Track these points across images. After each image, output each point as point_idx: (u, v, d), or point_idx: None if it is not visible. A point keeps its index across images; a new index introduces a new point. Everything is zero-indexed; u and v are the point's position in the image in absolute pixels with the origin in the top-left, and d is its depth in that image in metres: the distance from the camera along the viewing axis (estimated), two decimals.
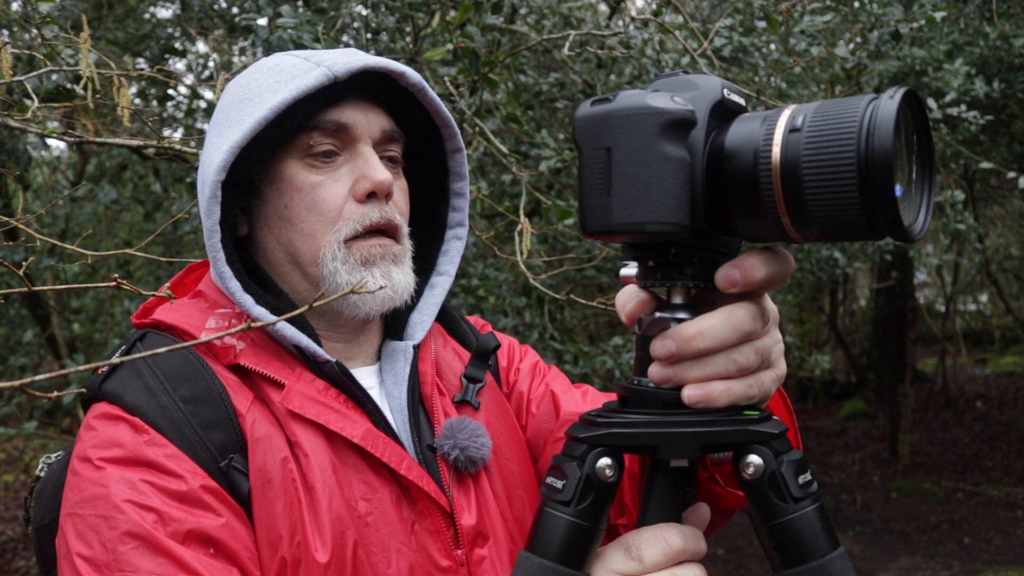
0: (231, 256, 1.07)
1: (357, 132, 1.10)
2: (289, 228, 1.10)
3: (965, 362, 15.53)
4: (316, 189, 1.08)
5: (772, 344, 0.86)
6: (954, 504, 8.36)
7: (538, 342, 3.75)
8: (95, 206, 4.69)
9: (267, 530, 0.96)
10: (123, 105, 1.70)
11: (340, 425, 1.02)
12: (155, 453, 0.93)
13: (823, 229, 0.78)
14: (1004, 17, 5.30)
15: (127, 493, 0.90)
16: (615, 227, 0.82)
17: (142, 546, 0.87)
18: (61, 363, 5.06)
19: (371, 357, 1.19)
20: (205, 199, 1.04)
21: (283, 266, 1.12)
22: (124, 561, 0.86)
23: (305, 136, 1.09)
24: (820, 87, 4.23)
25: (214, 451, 0.96)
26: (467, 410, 1.18)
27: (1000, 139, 6.86)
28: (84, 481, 0.93)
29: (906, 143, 0.80)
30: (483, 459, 1.11)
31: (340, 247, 1.08)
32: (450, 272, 1.23)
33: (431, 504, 1.06)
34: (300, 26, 2.64)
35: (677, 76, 0.87)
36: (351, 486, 1.02)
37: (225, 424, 0.98)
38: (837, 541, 0.86)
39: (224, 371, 1.04)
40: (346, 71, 1.06)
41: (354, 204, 1.09)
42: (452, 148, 1.21)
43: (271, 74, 1.09)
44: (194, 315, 1.09)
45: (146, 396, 0.97)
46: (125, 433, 0.95)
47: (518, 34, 3.68)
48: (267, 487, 0.97)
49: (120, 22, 4.32)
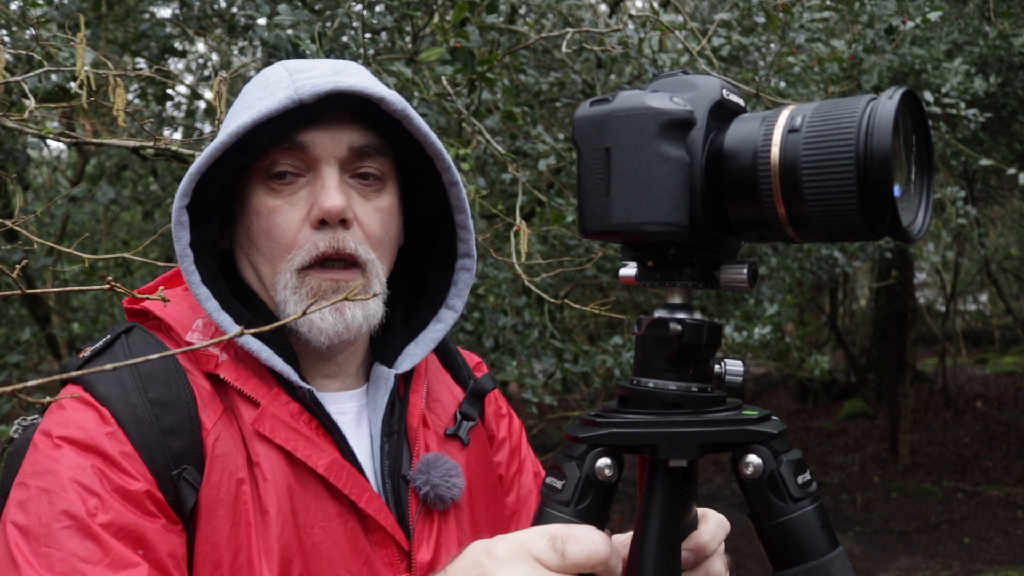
0: (211, 275, 1.05)
1: (316, 152, 1.04)
2: (254, 251, 1.08)
3: (965, 362, 15.53)
4: (272, 214, 1.05)
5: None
6: (954, 504, 8.36)
7: (538, 341, 3.75)
8: (94, 206, 4.69)
9: (210, 547, 0.96)
10: (118, 107, 1.70)
11: (307, 453, 1.02)
12: (112, 447, 0.94)
13: (822, 229, 0.78)
14: (1003, 16, 5.30)
15: (76, 474, 0.91)
16: (614, 227, 0.82)
17: (74, 527, 0.88)
18: (61, 362, 5.05)
19: (354, 378, 1.17)
20: (173, 221, 1.02)
21: (255, 285, 1.10)
22: (53, 538, 0.88)
23: (265, 157, 1.05)
24: (819, 86, 4.23)
25: (170, 458, 0.96)
26: (455, 445, 1.17)
27: (1000, 138, 6.86)
28: (39, 455, 0.94)
29: (905, 143, 0.80)
30: (452, 499, 1.10)
31: (292, 276, 1.04)
32: (457, 308, 1.19)
33: (387, 536, 1.05)
34: (298, 25, 2.64)
35: (676, 76, 0.87)
36: (308, 512, 1.01)
37: (186, 433, 0.98)
38: (836, 541, 0.86)
39: (200, 378, 1.03)
40: (312, 94, 0.99)
41: (309, 230, 1.04)
42: (448, 182, 1.13)
43: (259, 87, 1.07)
44: (184, 312, 1.08)
45: (118, 390, 0.98)
46: (91, 420, 0.96)
47: (517, 33, 3.67)
48: (217, 505, 0.97)
49: (120, 22, 4.31)
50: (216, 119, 2.03)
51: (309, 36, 2.62)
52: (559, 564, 0.78)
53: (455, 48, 2.69)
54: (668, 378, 0.87)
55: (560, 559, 0.79)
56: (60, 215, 4.45)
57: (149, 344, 1.04)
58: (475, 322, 3.53)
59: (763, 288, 5.00)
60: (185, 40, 4.47)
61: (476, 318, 3.53)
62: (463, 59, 2.69)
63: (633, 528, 0.90)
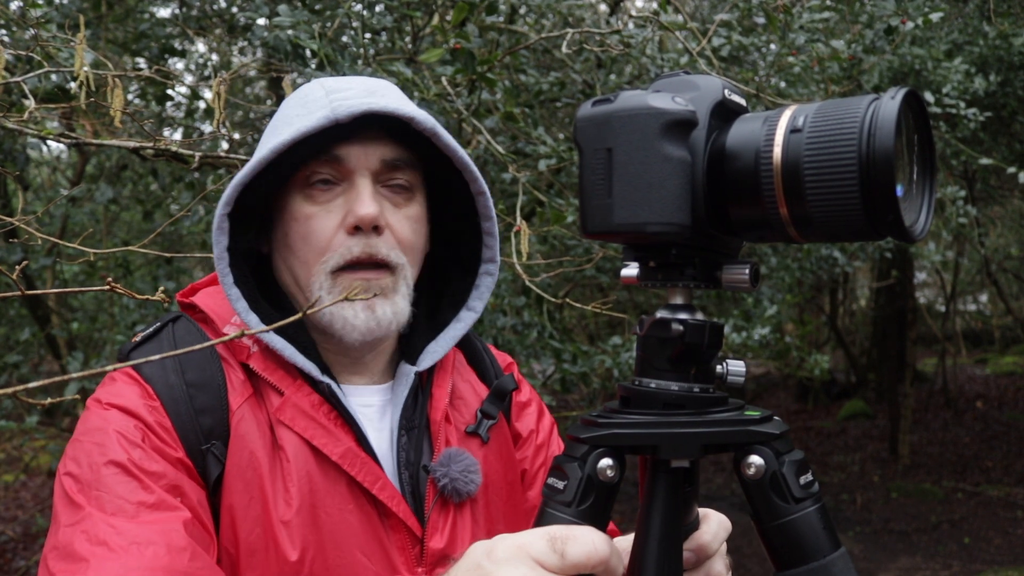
0: (243, 277, 1.15)
1: (352, 164, 1.14)
2: (291, 255, 1.17)
3: (965, 362, 15.53)
4: (310, 220, 1.14)
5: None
6: (954, 504, 8.37)
7: (537, 341, 3.75)
8: (94, 206, 4.68)
9: (231, 517, 1.06)
10: (116, 107, 1.70)
11: (323, 442, 1.10)
12: (153, 418, 1.06)
13: (824, 229, 0.78)
14: (1003, 16, 5.31)
15: (122, 429, 1.03)
16: (616, 228, 0.82)
17: (121, 472, 0.99)
18: (61, 362, 5.06)
19: (380, 375, 1.25)
20: (214, 227, 1.13)
21: (291, 287, 1.19)
22: (103, 482, 0.98)
23: (305, 168, 1.14)
24: (819, 86, 4.23)
25: (200, 433, 1.07)
26: (475, 442, 1.24)
27: (1000, 137, 6.87)
28: (91, 415, 1.06)
29: (907, 143, 0.80)
30: (468, 493, 1.17)
31: (327, 277, 1.14)
32: (477, 308, 1.28)
33: (400, 521, 1.12)
34: (297, 26, 2.64)
35: (678, 76, 0.87)
36: (326, 495, 1.10)
37: (216, 412, 1.09)
38: (838, 541, 0.85)
39: (234, 365, 1.14)
40: (348, 114, 1.09)
41: (343, 236, 1.13)
42: (476, 191, 1.22)
43: (297, 105, 1.16)
44: (224, 307, 1.18)
45: (160, 371, 1.09)
46: (135, 392, 1.08)
47: (517, 34, 3.67)
48: (237, 480, 1.07)
49: (120, 22, 4.31)
50: (216, 119, 2.03)
51: (309, 36, 2.62)
52: (559, 565, 0.79)
53: (455, 48, 2.69)
54: (670, 378, 0.87)
55: (560, 560, 0.79)
56: (59, 215, 4.45)
57: (191, 333, 1.16)
58: (475, 322, 3.53)
59: (763, 288, 5.00)
60: (185, 40, 4.46)
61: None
62: (463, 59, 2.69)
63: (635, 528, 0.90)
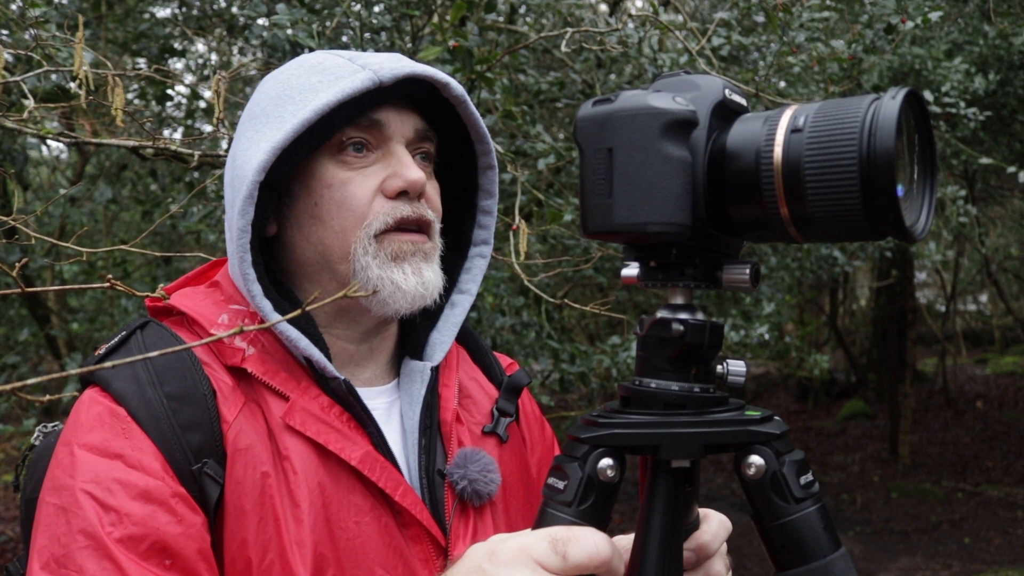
0: (256, 258, 1.05)
1: (390, 131, 1.09)
2: (319, 226, 1.08)
3: (965, 362, 15.53)
4: (346, 185, 1.07)
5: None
6: (954, 504, 8.36)
7: (535, 341, 3.75)
8: (93, 206, 4.68)
9: (239, 544, 0.95)
10: (116, 106, 1.69)
11: (339, 446, 1.01)
12: (128, 446, 0.93)
13: (825, 229, 0.78)
14: (1003, 15, 5.30)
15: (91, 487, 0.91)
16: (617, 227, 0.82)
17: (92, 547, 0.88)
18: (60, 362, 5.06)
19: (384, 370, 1.17)
20: (240, 198, 1.01)
21: (312, 266, 1.10)
22: (71, 559, 0.87)
23: (339, 133, 1.07)
24: (819, 86, 4.23)
25: (189, 453, 0.95)
26: (491, 442, 1.17)
27: (1000, 137, 6.86)
28: (58, 467, 0.94)
29: (908, 143, 0.80)
30: (489, 494, 1.10)
31: (371, 241, 1.06)
32: (471, 291, 1.21)
33: (422, 531, 1.04)
34: (296, 25, 2.64)
35: (679, 76, 0.86)
36: (340, 507, 1.00)
37: (205, 427, 0.97)
38: (839, 541, 0.85)
39: (220, 371, 1.02)
40: (391, 76, 1.04)
41: (383, 200, 1.07)
42: (485, 165, 1.18)
43: (313, 72, 1.07)
44: (208, 307, 1.08)
45: (133, 386, 0.97)
46: (104, 420, 0.95)
47: (517, 33, 3.67)
48: (243, 500, 0.96)
49: (120, 22, 4.31)
50: (215, 118, 2.03)
51: (308, 35, 2.62)
52: (561, 566, 0.78)
53: (454, 47, 2.69)
54: (670, 378, 0.87)
55: (561, 561, 0.78)
56: (58, 215, 4.44)
57: (163, 338, 1.03)
58: (473, 322, 3.53)
59: (762, 288, 4.99)
60: (185, 40, 4.46)
61: (474, 318, 3.52)
62: (462, 58, 2.69)
63: (635, 528, 0.90)
